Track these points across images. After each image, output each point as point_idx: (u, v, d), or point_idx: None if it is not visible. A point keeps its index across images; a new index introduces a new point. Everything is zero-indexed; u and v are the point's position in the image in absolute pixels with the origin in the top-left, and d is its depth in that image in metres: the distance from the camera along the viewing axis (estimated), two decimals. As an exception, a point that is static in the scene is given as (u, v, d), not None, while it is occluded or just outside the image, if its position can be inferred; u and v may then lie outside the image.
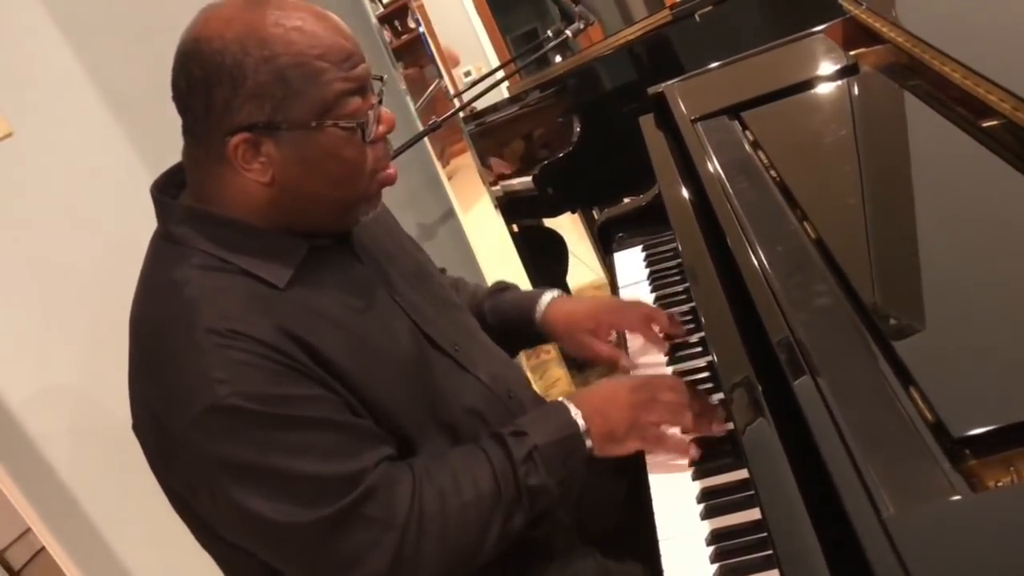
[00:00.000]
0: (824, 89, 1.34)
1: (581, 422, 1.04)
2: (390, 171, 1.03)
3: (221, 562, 1.07)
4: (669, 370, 1.21)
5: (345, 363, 0.96)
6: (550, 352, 2.95)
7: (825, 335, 0.82)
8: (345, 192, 1.00)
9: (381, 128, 0.99)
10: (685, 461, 1.04)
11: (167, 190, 1.03)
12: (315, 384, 0.93)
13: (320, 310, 0.98)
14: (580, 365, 2.78)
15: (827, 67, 1.37)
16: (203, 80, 0.92)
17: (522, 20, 6.07)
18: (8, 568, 3.06)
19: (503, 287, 1.38)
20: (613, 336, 1.29)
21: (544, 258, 2.87)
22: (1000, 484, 0.62)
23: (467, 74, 5.27)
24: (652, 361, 1.25)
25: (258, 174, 0.95)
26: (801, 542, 0.68)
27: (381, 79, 1.01)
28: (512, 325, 1.32)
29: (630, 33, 2.47)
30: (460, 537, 0.98)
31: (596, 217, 3.01)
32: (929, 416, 0.68)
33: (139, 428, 0.98)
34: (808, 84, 1.36)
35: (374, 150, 0.99)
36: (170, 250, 0.99)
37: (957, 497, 0.61)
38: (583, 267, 3.74)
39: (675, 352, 1.24)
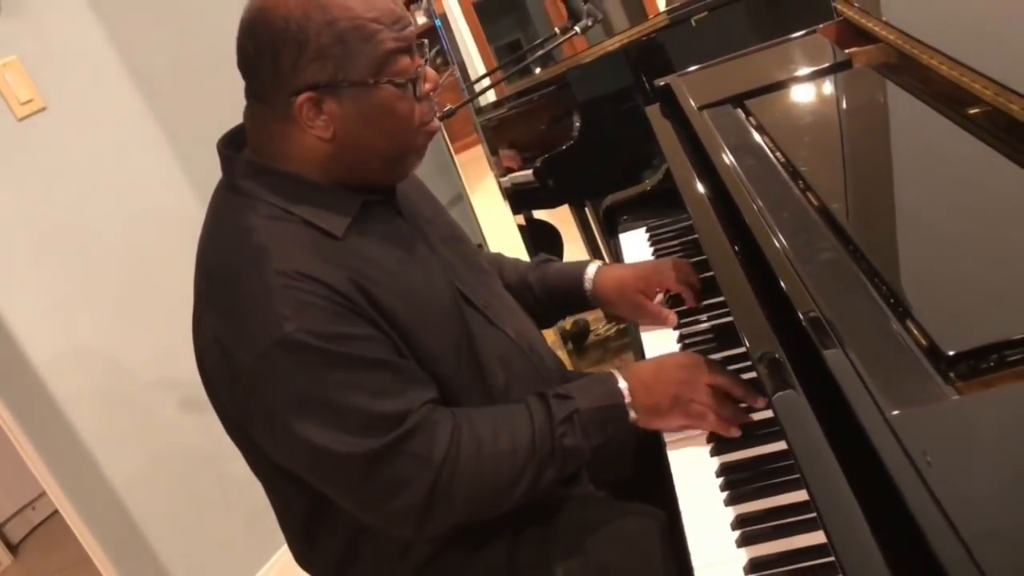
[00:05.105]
0: (820, 81, 1.46)
1: (627, 394, 1.12)
2: (435, 124, 1.13)
3: (271, 492, 1.16)
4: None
5: (396, 308, 1.05)
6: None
7: (829, 281, 0.93)
8: (397, 144, 1.10)
9: (427, 85, 1.09)
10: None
11: (229, 148, 1.12)
12: (370, 326, 1.02)
13: (373, 259, 1.07)
14: (580, 349, 2.89)
15: (822, 62, 1.48)
16: (270, 44, 1.01)
17: (506, 30, 6.14)
18: (7, 543, 3.09)
19: (546, 259, 1.49)
20: (660, 298, 1.40)
21: (543, 249, 2.98)
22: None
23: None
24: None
25: (321, 130, 1.04)
26: (819, 454, 0.78)
27: (423, 40, 1.11)
28: (560, 293, 1.43)
29: (619, 40, 2.56)
30: (491, 481, 1.06)
31: (588, 215, 3.12)
32: (924, 341, 0.78)
33: (204, 361, 1.07)
34: (805, 77, 1.47)
35: (421, 106, 1.08)
36: (236, 200, 1.08)
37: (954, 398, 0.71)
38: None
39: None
